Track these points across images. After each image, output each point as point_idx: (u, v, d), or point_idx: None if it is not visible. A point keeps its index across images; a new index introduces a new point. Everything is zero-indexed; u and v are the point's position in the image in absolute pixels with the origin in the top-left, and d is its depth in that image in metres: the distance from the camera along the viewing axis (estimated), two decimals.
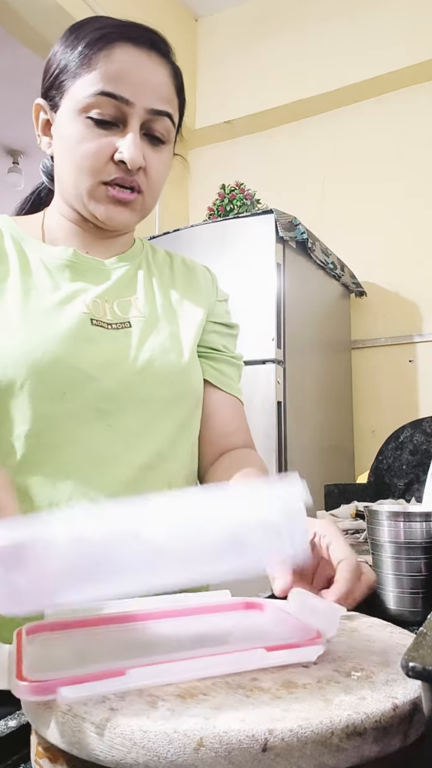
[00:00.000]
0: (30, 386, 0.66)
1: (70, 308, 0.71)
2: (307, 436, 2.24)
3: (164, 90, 0.72)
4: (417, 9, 2.61)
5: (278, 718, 0.30)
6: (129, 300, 0.78)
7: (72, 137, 0.71)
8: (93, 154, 0.70)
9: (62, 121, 0.72)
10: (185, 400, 0.78)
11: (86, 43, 0.70)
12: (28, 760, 0.39)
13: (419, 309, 2.67)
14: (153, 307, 0.79)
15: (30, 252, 0.75)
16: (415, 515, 0.64)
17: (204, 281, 0.88)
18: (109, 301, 0.76)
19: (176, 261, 0.89)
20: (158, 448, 0.74)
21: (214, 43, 3.11)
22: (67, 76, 0.71)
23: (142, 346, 0.74)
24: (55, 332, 0.68)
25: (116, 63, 0.69)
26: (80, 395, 0.68)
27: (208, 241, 2.16)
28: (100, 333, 0.72)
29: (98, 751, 0.30)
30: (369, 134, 2.82)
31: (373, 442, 2.62)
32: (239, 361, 0.89)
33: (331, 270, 2.42)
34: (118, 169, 0.71)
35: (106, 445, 0.70)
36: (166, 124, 0.73)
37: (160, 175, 0.76)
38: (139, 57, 0.70)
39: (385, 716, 0.32)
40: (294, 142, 2.99)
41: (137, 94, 0.70)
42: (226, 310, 0.90)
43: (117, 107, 0.70)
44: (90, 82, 0.69)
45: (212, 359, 0.85)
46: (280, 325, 2.03)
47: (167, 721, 0.30)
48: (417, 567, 0.63)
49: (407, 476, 1.63)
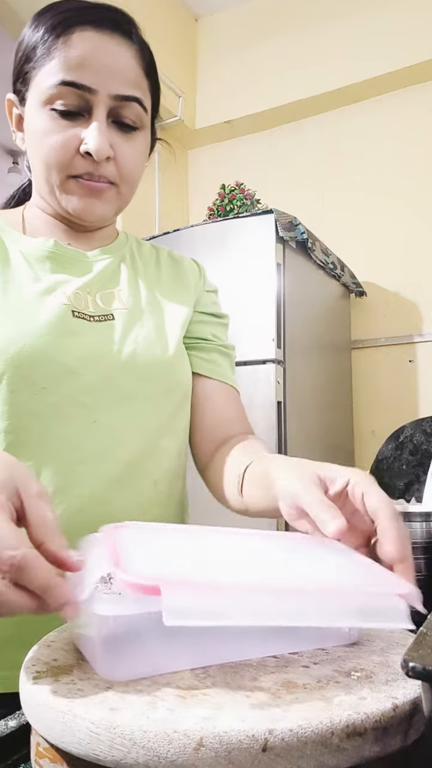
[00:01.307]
0: (9, 380, 0.64)
1: (50, 300, 0.69)
2: (307, 436, 2.24)
3: (130, 73, 0.68)
4: (417, 9, 2.61)
5: (278, 718, 0.30)
6: (112, 292, 0.75)
7: (38, 131, 0.68)
8: (59, 148, 0.67)
9: (29, 115, 0.70)
10: (171, 394, 0.75)
11: (45, 29, 0.67)
12: (28, 760, 0.39)
13: (419, 309, 2.67)
14: (137, 299, 0.77)
15: (9, 243, 0.72)
16: (415, 515, 0.64)
17: (191, 273, 0.86)
18: (92, 293, 0.73)
19: (162, 254, 0.87)
20: (143, 444, 0.72)
21: (214, 43, 3.11)
22: (29, 67, 0.68)
23: (125, 339, 0.72)
24: (35, 325, 0.66)
25: (75, 49, 0.65)
26: (61, 389, 0.66)
27: (208, 241, 2.16)
28: (82, 325, 0.69)
29: (98, 751, 0.30)
30: (369, 134, 2.82)
31: (373, 442, 2.62)
32: (230, 350, 0.86)
33: (331, 270, 2.42)
34: (85, 162, 0.68)
35: (89, 441, 0.68)
36: (135, 110, 0.69)
37: (133, 163, 0.72)
38: (100, 40, 0.66)
39: (385, 716, 0.32)
40: (294, 142, 2.99)
41: (100, 81, 0.66)
42: (213, 301, 0.88)
43: (80, 96, 0.66)
44: (50, 71, 0.66)
45: (201, 349, 0.82)
46: (280, 325, 2.03)
47: (167, 721, 0.30)
48: (417, 567, 0.63)
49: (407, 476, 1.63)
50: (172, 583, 0.33)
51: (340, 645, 0.41)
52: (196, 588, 0.33)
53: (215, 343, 0.84)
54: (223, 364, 0.84)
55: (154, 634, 0.35)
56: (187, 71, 3.07)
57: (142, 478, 0.72)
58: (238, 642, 0.38)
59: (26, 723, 0.41)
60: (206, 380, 0.81)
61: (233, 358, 0.87)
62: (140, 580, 0.33)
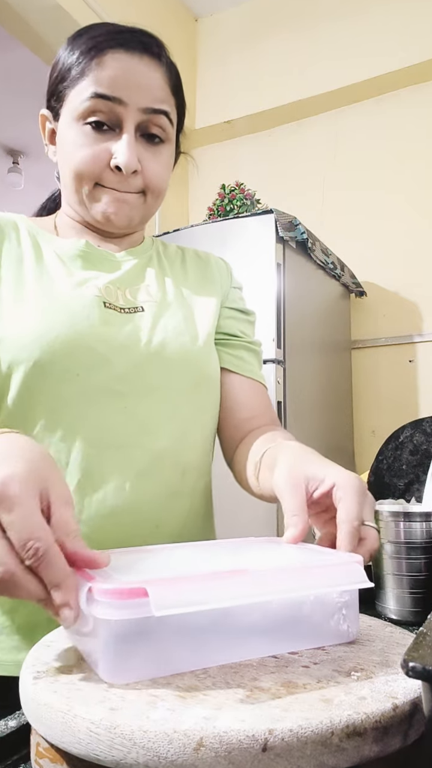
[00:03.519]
0: (44, 367, 0.67)
1: (83, 291, 0.72)
2: (307, 436, 2.23)
3: (158, 90, 0.73)
4: (417, 9, 2.61)
5: (278, 718, 0.30)
6: (139, 287, 0.78)
7: (70, 144, 0.72)
8: (90, 160, 0.71)
9: (62, 130, 0.74)
10: (200, 386, 0.77)
11: (79, 52, 0.72)
12: (28, 760, 0.39)
13: (419, 309, 2.67)
14: (164, 294, 0.80)
15: (44, 244, 0.76)
16: (415, 515, 0.64)
17: (218, 270, 0.88)
18: (121, 288, 0.76)
19: (188, 254, 0.89)
20: (172, 434, 0.73)
21: (214, 43, 3.11)
22: (64, 85, 0.73)
23: (155, 329, 0.74)
24: (69, 314, 0.69)
25: (107, 69, 0.70)
26: (94, 377, 0.69)
27: (208, 241, 2.16)
28: (113, 316, 0.72)
29: (98, 751, 0.30)
30: (369, 134, 2.82)
31: (373, 442, 2.62)
32: (257, 347, 0.88)
33: (331, 270, 2.42)
34: (114, 176, 0.72)
35: (119, 428, 0.70)
36: (162, 122, 0.74)
37: (159, 176, 0.76)
38: (130, 61, 0.71)
39: (385, 716, 0.32)
40: (294, 142, 2.99)
41: (130, 96, 0.71)
42: (240, 297, 0.90)
43: (111, 109, 0.70)
44: (83, 88, 0.71)
45: (230, 346, 0.84)
46: (280, 325, 2.03)
47: (167, 721, 0.30)
48: (417, 567, 0.63)
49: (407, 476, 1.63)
50: (154, 581, 0.35)
51: (339, 644, 0.41)
52: (176, 582, 0.36)
53: (243, 340, 0.86)
54: (251, 360, 0.86)
55: (154, 637, 0.36)
56: (186, 71, 3.07)
57: (170, 468, 0.73)
58: (238, 643, 0.38)
59: (26, 723, 0.41)
60: (234, 376, 0.83)
61: (260, 354, 0.89)
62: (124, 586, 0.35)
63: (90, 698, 0.33)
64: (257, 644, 0.39)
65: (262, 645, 0.39)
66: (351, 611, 0.42)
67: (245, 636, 0.38)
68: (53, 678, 0.36)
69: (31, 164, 4.14)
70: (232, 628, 0.38)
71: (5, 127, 3.76)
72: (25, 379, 0.67)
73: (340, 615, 0.41)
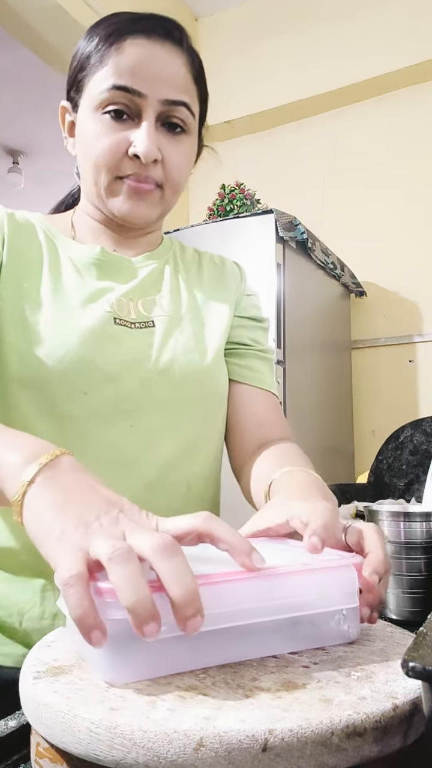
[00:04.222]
0: (52, 385, 0.66)
1: (94, 308, 0.71)
2: (307, 436, 2.23)
3: (179, 80, 0.71)
4: (417, 9, 2.61)
5: (278, 718, 0.30)
6: (154, 299, 0.77)
7: (89, 135, 0.71)
8: (108, 150, 0.69)
9: (81, 120, 0.72)
10: (206, 402, 0.77)
11: (98, 39, 0.70)
12: (28, 760, 0.39)
13: (419, 309, 2.67)
14: (177, 306, 0.78)
15: (60, 249, 0.75)
16: (415, 515, 0.64)
17: (232, 277, 0.87)
18: (134, 299, 0.75)
19: (205, 259, 0.88)
20: (178, 449, 0.73)
21: (214, 43, 3.11)
22: (83, 75, 0.71)
23: (164, 347, 0.74)
24: (78, 331, 0.68)
25: (127, 57, 0.68)
26: (101, 395, 0.68)
27: (208, 241, 2.16)
28: (123, 332, 0.72)
29: (98, 751, 0.30)
30: (369, 134, 2.82)
31: (373, 442, 2.62)
32: (269, 354, 0.86)
33: (331, 270, 2.42)
34: (133, 165, 0.70)
35: (127, 445, 0.70)
36: (183, 114, 0.71)
37: (180, 166, 0.73)
38: (151, 48, 0.69)
39: (385, 716, 0.32)
40: (294, 142, 2.99)
41: (150, 86, 0.68)
42: (253, 305, 0.88)
43: (131, 100, 0.68)
44: (103, 77, 0.69)
45: (239, 356, 0.83)
46: (280, 325, 2.03)
47: (167, 721, 0.30)
48: (417, 567, 0.63)
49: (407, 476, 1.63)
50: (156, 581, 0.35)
51: (340, 644, 0.41)
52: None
53: (254, 348, 0.84)
54: (261, 369, 0.84)
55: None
56: None
57: (176, 482, 0.73)
58: (238, 643, 0.38)
59: (26, 723, 0.41)
60: (243, 386, 0.82)
61: (272, 362, 0.87)
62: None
63: (90, 698, 0.33)
64: (258, 644, 0.39)
65: (262, 645, 0.39)
66: (351, 612, 0.42)
67: (246, 636, 0.38)
68: (53, 678, 0.36)
69: (31, 164, 4.14)
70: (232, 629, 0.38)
71: (5, 127, 3.76)
72: (33, 395, 0.66)
73: (340, 615, 0.41)
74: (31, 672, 0.37)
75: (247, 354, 0.84)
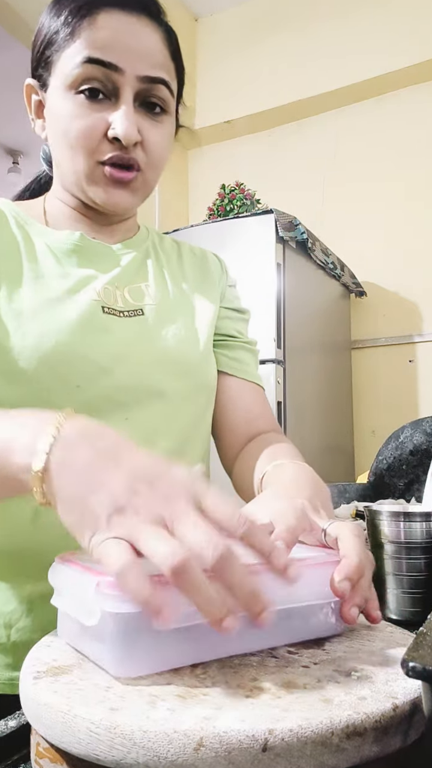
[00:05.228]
0: (42, 378, 0.63)
1: (80, 296, 0.68)
2: (307, 436, 2.24)
3: (157, 55, 0.66)
4: (417, 9, 2.61)
5: (278, 718, 0.30)
6: (140, 286, 0.75)
7: (63, 116, 0.66)
8: (85, 133, 0.65)
9: (52, 100, 0.67)
10: (199, 393, 0.76)
11: (68, 11, 0.65)
12: (28, 760, 0.39)
13: (419, 309, 2.67)
14: (165, 295, 0.76)
15: (35, 236, 0.71)
16: (415, 515, 0.63)
17: (214, 268, 0.86)
18: (120, 287, 0.72)
19: (184, 249, 0.86)
20: (173, 441, 0.72)
21: (214, 43, 3.11)
22: (52, 50, 0.66)
23: (156, 336, 0.71)
24: (66, 322, 0.65)
25: (102, 30, 0.63)
26: (95, 388, 0.66)
27: (208, 241, 2.16)
28: (113, 321, 0.69)
29: (98, 751, 0.30)
30: (369, 134, 2.82)
31: (373, 442, 2.62)
32: (254, 347, 0.85)
33: (331, 270, 2.42)
34: (113, 147, 0.66)
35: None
36: (162, 92, 0.67)
37: (161, 148, 0.70)
38: (127, 21, 0.64)
39: (385, 716, 0.32)
40: (294, 142, 2.99)
41: (127, 61, 0.64)
42: (236, 296, 0.87)
43: (106, 76, 0.64)
44: (75, 52, 0.63)
45: (227, 347, 0.82)
46: (280, 325, 2.03)
47: (167, 721, 0.30)
48: (417, 567, 0.63)
49: (407, 476, 1.63)
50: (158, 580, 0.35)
51: (339, 644, 0.42)
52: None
53: (240, 340, 0.83)
54: (249, 361, 0.84)
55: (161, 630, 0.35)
56: (186, 71, 3.06)
57: None
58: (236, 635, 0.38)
59: (26, 723, 0.41)
60: (232, 379, 0.81)
61: (257, 354, 0.86)
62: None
63: (90, 698, 0.33)
64: (255, 638, 0.40)
65: (259, 638, 0.40)
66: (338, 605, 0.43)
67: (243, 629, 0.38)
68: (53, 678, 0.36)
69: (31, 164, 4.13)
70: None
71: (5, 127, 3.76)
72: (24, 391, 0.64)
73: (329, 609, 0.43)
74: (30, 672, 0.37)
75: (235, 346, 0.83)
